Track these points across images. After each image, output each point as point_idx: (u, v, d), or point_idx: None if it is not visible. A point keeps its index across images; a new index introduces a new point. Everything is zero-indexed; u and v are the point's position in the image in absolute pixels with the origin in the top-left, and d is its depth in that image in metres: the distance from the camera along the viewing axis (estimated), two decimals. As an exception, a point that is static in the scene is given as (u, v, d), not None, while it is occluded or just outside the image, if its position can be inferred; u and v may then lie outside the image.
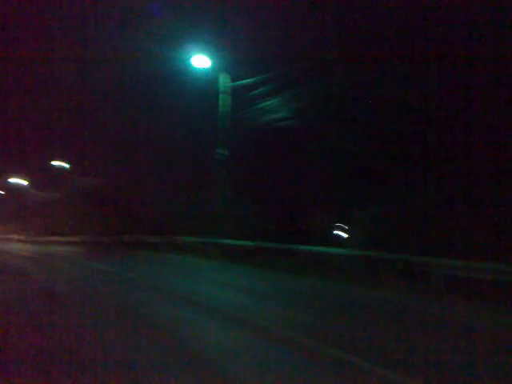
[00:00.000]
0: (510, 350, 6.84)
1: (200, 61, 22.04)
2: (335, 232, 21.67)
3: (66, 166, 46.84)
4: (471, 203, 14.88)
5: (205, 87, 23.62)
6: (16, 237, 56.97)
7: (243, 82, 21.57)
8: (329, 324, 8.11)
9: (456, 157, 16.22)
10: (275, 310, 9.40)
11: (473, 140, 15.71)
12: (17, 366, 5.74)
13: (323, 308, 9.76)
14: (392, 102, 18.14)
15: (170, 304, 9.99)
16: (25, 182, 59.32)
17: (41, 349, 6.41)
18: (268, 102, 20.88)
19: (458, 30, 16.44)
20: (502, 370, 5.88)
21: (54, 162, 47.06)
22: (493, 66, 15.35)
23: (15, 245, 43.26)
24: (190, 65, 22.36)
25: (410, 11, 17.23)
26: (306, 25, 21.41)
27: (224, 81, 22.75)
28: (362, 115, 19.09)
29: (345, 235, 20.63)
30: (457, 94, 16.51)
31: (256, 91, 20.95)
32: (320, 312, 9.21)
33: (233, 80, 22.80)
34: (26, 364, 5.81)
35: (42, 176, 53.59)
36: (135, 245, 30.33)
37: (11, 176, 58.31)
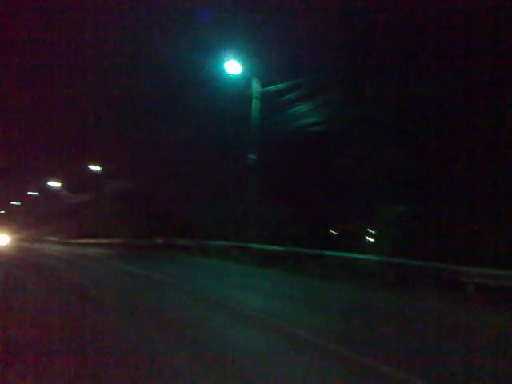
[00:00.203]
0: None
1: (232, 66, 22.31)
2: (365, 237, 21.50)
3: (99, 169, 47.94)
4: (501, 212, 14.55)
5: (235, 93, 23.87)
6: (50, 238, 58.53)
7: (274, 87, 21.67)
8: (357, 331, 8.10)
9: (489, 163, 15.88)
10: (304, 315, 9.42)
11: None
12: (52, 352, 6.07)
13: (351, 314, 9.73)
14: (424, 105, 17.93)
15: (200, 307, 10.12)
16: (59, 185, 61.04)
17: (71, 342, 6.73)
18: (298, 107, 20.90)
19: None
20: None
21: (87, 166, 48.25)
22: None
23: (49, 246, 44.47)
24: (221, 70, 22.66)
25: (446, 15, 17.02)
26: (337, 30, 21.38)
27: (255, 86, 22.97)
28: (393, 120, 18.92)
29: (373, 240, 20.44)
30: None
31: (286, 96, 20.98)
32: (348, 318, 9.20)
33: (262, 85, 22.99)
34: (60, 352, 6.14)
35: (76, 179, 55.05)
36: (165, 247, 30.83)
37: (47, 178, 60.12)
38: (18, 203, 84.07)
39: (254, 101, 22.97)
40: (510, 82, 15.23)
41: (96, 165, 47.71)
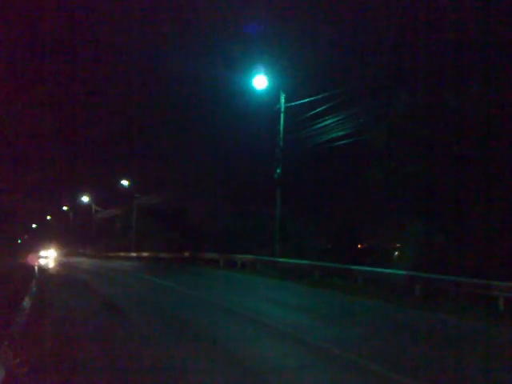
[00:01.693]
0: None
1: (259, 81, 22.51)
2: (392, 251, 21.24)
3: (128, 183, 48.78)
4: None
5: (261, 108, 24.13)
6: (81, 251, 59.70)
7: (302, 101, 21.69)
8: (384, 346, 7.98)
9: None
10: (330, 329, 9.36)
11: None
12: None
13: (378, 329, 9.61)
14: (453, 119, 17.72)
15: (229, 320, 10.19)
16: (89, 200, 62.43)
17: (102, 356, 6.88)
18: (325, 121, 20.89)
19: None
20: None
21: (117, 181, 49.21)
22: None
23: (81, 259, 45.36)
24: (248, 85, 22.96)
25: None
26: (365, 43, 21.46)
27: (283, 101, 23.12)
28: (422, 133, 18.74)
29: (400, 254, 20.15)
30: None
31: (314, 111, 21.00)
32: (375, 333, 9.10)
33: (288, 100, 23.12)
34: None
35: (106, 193, 56.22)
36: (193, 261, 31.11)
37: (79, 193, 61.61)
38: (50, 217, 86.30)
39: (281, 115, 23.13)
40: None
41: (126, 180, 48.61)
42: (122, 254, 46.96)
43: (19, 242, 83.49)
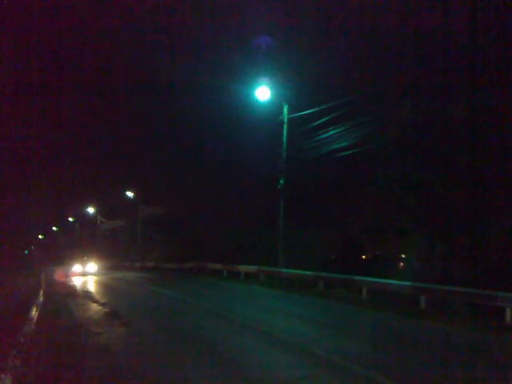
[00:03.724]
0: None
1: (262, 93, 22.41)
2: (398, 262, 21.09)
3: (133, 195, 48.88)
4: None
5: (263, 119, 24.15)
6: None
7: (305, 112, 21.61)
8: (389, 357, 7.87)
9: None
10: (335, 340, 9.25)
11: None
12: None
13: (383, 341, 9.46)
14: (459, 128, 17.64)
15: (233, 331, 10.14)
16: (95, 210, 62.53)
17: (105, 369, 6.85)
18: (329, 132, 20.81)
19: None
20: None
21: (122, 192, 49.33)
22: None
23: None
24: (251, 96, 22.95)
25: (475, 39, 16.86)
26: (367, 54, 21.50)
27: (286, 112, 23.08)
28: (427, 142, 18.66)
29: (405, 265, 19.99)
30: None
31: (318, 121, 20.93)
32: (379, 344, 8.94)
33: (290, 111, 23.04)
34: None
35: (111, 205, 56.35)
36: (196, 271, 31.09)
37: (84, 204, 61.79)
38: (56, 228, 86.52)
39: (284, 126, 23.07)
40: None
41: (130, 191, 48.74)
42: (127, 264, 47.05)
43: (26, 253, 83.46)
